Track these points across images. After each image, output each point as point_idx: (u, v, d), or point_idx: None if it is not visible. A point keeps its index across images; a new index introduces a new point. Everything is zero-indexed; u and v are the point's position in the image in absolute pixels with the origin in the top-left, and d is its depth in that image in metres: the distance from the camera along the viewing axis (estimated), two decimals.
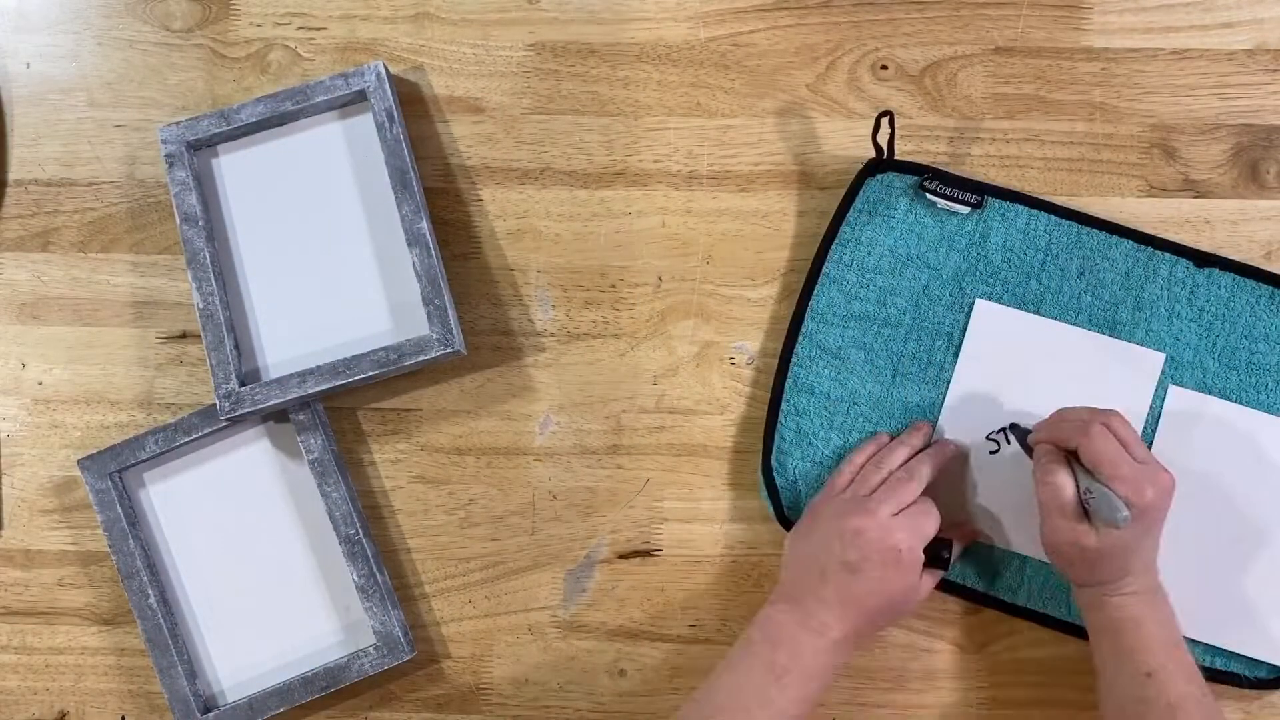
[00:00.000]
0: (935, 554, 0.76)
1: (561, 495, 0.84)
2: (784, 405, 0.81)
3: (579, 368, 0.84)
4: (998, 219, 0.81)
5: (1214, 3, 0.83)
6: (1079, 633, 0.78)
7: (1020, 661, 0.82)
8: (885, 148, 0.79)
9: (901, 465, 0.78)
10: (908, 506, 0.75)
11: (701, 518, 0.83)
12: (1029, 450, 0.76)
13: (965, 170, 0.83)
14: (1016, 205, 0.81)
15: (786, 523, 0.81)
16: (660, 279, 0.84)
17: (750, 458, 0.83)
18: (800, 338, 0.82)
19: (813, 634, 0.73)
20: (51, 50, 0.88)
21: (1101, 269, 0.81)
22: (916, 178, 0.81)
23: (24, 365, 0.87)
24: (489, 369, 0.85)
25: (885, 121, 0.78)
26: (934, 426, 0.81)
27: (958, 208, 0.81)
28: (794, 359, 0.81)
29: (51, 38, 0.88)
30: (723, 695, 0.72)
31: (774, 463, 0.81)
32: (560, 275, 0.85)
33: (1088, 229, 0.81)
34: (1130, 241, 0.81)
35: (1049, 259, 0.81)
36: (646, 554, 0.83)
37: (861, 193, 0.82)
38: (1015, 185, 0.83)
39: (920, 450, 0.79)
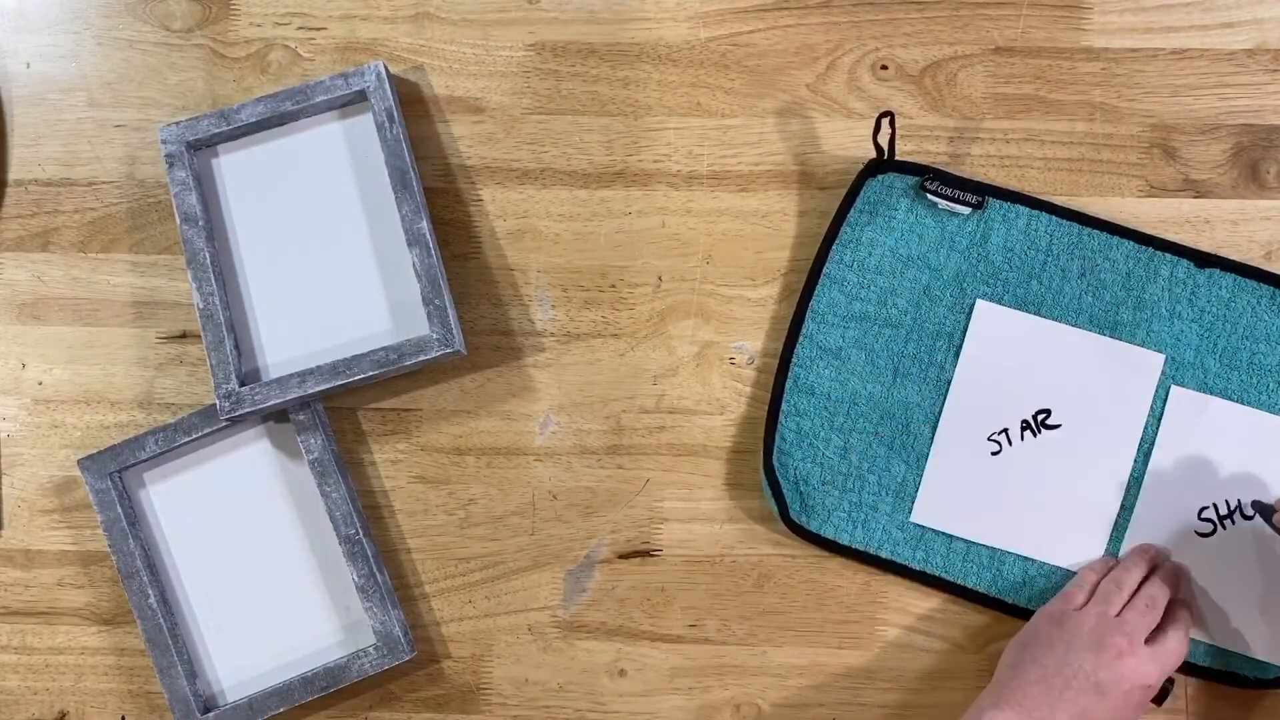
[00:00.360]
0: (1161, 687, 0.76)
1: (561, 495, 0.84)
2: (784, 406, 0.81)
3: (579, 368, 0.84)
4: (999, 219, 0.81)
5: (1214, 3, 0.83)
6: None
7: None
8: (885, 148, 0.79)
9: (1140, 586, 0.77)
10: (1155, 634, 0.75)
11: (701, 518, 0.83)
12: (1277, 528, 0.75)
13: (965, 170, 0.83)
14: (1017, 206, 0.81)
15: (792, 524, 0.81)
16: (660, 279, 0.84)
17: (750, 458, 0.83)
18: (800, 338, 0.82)
19: None
20: (51, 50, 0.88)
21: (1102, 270, 0.81)
22: (917, 178, 0.81)
23: (24, 365, 0.87)
24: (489, 369, 0.85)
25: (886, 122, 0.77)
26: (1160, 552, 0.80)
27: (958, 208, 0.81)
28: (794, 359, 0.81)
29: (51, 38, 0.88)
30: None
31: (775, 463, 0.81)
32: (560, 275, 0.85)
33: (1089, 229, 0.81)
34: (1131, 242, 0.80)
35: (1050, 259, 0.81)
36: (646, 554, 0.83)
37: (862, 193, 0.82)
38: (1015, 185, 0.83)
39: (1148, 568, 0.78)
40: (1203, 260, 0.80)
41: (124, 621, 0.85)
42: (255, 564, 0.84)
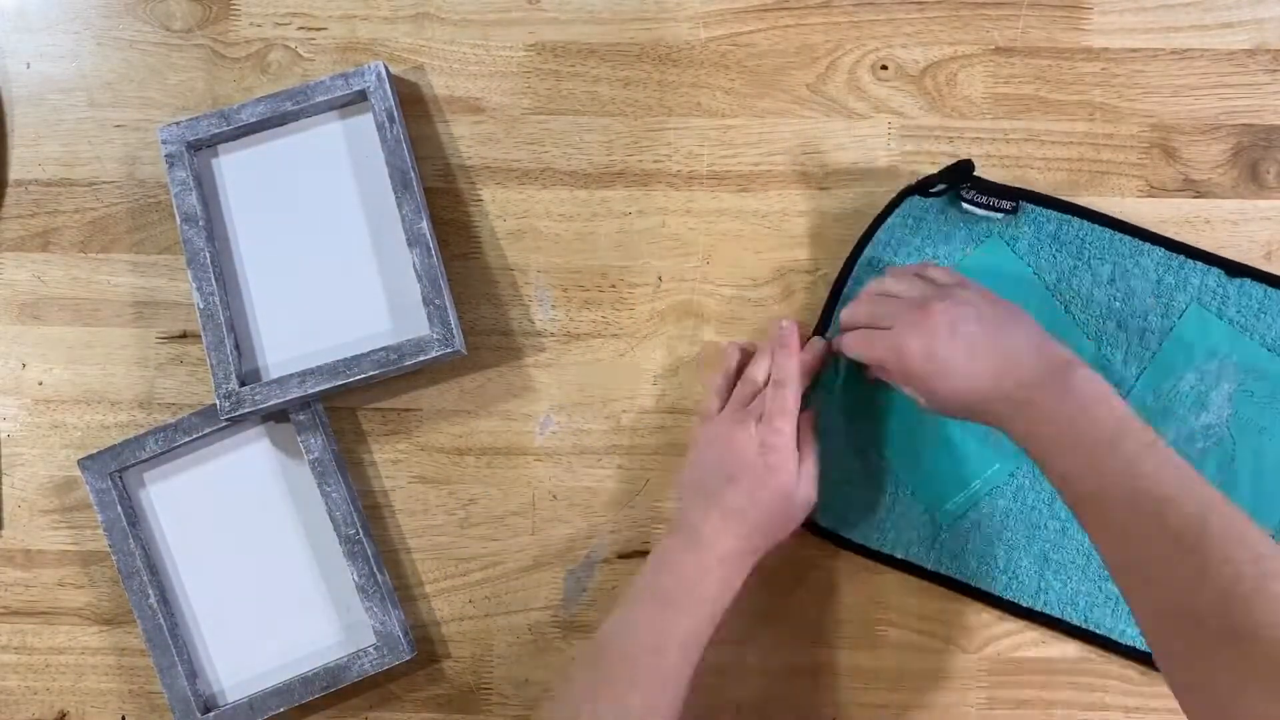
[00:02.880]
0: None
1: (561, 495, 0.84)
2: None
3: (579, 368, 0.84)
4: (1028, 224, 0.81)
5: (1214, 3, 0.83)
6: (1089, 637, 0.79)
7: (1020, 661, 0.82)
8: (937, 177, 0.79)
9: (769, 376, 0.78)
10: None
11: None
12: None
13: None
14: (1048, 210, 0.81)
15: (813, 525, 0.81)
16: (660, 279, 0.84)
17: None
18: (825, 334, 0.81)
19: (698, 554, 0.72)
20: (51, 50, 0.88)
21: (1133, 275, 0.80)
22: (951, 189, 0.81)
23: (24, 365, 0.87)
24: (489, 369, 0.85)
25: (963, 171, 0.78)
26: (792, 323, 0.79)
27: (994, 215, 0.81)
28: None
29: (51, 38, 0.88)
30: (612, 628, 0.72)
31: None
32: (560, 275, 0.85)
33: (1120, 234, 0.81)
34: (1162, 249, 0.80)
35: (1080, 263, 0.81)
36: (646, 554, 0.83)
37: (901, 208, 0.81)
38: (1015, 185, 0.83)
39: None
40: (1234, 270, 0.80)
41: (124, 621, 0.85)
42: (255, 564, 0.84)
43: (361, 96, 0.83)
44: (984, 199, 0.80)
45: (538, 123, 0.86)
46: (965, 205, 0.80)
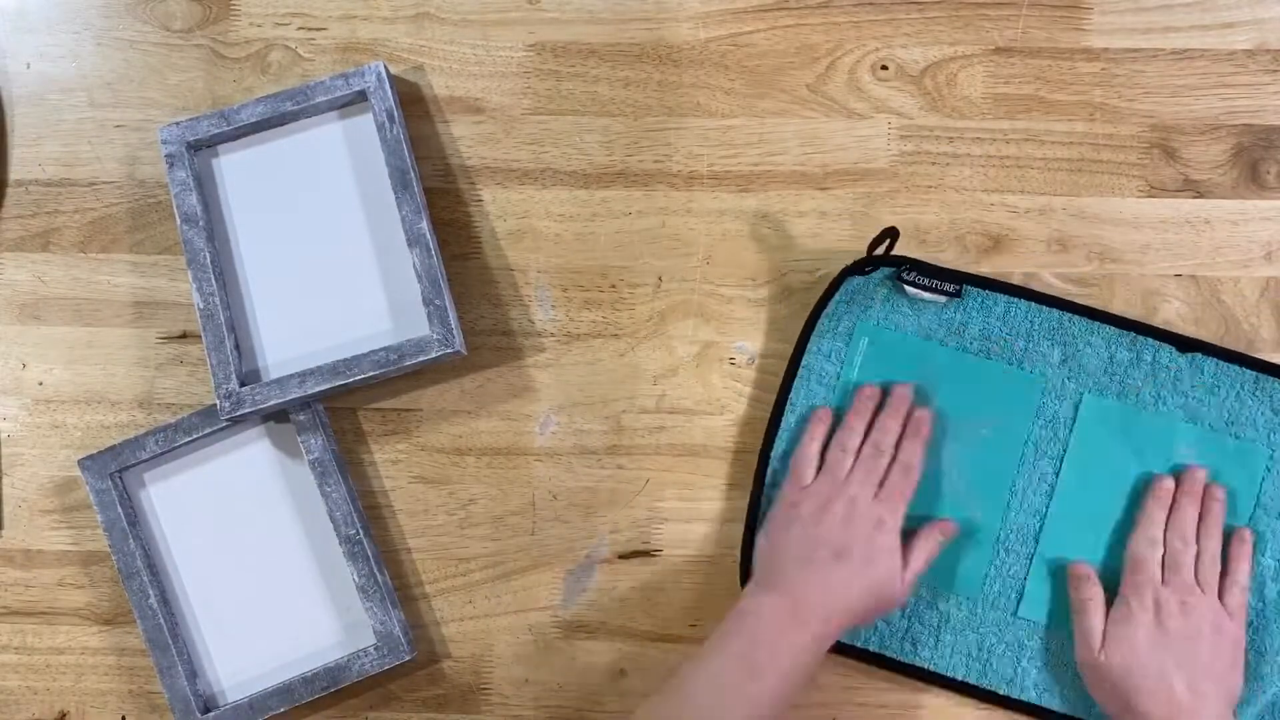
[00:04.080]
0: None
1: (561, 495, 0.84)
2: (763, 500, 0.81)
3: (579, 368, 0.84)
4: (976, 308, 0.81)
5: (1214, 3, 0.83)
6: None
7: None
8: (876, 258, 0.79)
9: (865, 441, 0.78)
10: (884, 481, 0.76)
11: (701, 518, 0.83)
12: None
13: (965, 170, 0.83)
14: (995, 294, 0.80)
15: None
16: (660, 279, 0.84)
17: (750, 458, 0.83)
18: (779, 432, 0.81)
19: (794, 629, 0.71)
20: (51, 50, 0.88)
21: (1084, 355, 0.80)
22: (893, 269, 0.80)
23: (24, 365, 0.87)
24: (489, 369, 0.85)
25: (889, 240, 0.77)
26: (876, 390, 0.80)
27: (937, 298, 0.80)
28: (773, 454, 0.81)
29: (51, 38, 0.88)
30: (696, 690, 0.70)
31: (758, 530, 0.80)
32: (560, 275, 0.85)
33: (1069, 315, 0.80)
34: (1112, 327, 0.80)
35: (1030, 345, 0.80)
36: (646, 554, 0.83)
37: (843, 287, 0.81)
38: (1015, 185, 0.83)
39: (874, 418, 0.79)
40: (1184, 345, 0.79)
41: (124, 621, 0.85)
42: (255, 564, 0.84)
43: (361, 96, 0.83)
44: (926, 281, 0.79)
45: (538, 123, 0.86)
46: (907, 288, 0.80)
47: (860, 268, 0.80)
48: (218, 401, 0.81)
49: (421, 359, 0.80)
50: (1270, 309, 0.81)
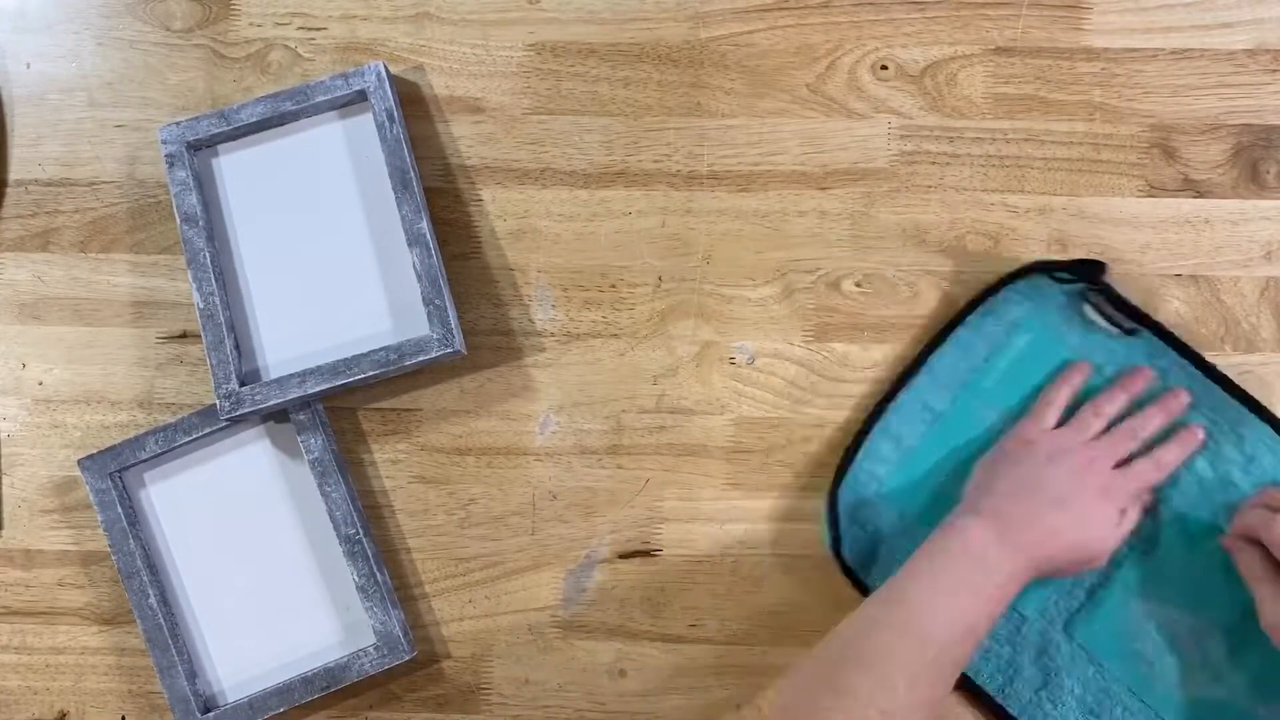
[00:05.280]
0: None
1: (561, 495, 0.84)
2: (865, 449, 0.80)
3: (579, 368, 0.84)
4: (1143, 352, 0.79)
5: (1214, 3, 0.83)
6: None
7: None
8: (1078, 268, 0.79)
9: (1126, 419, 0.76)
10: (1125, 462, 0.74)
11: (701, 518, 0.83)
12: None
13: (965, 169, 0.83)
14: (1168, 349, 0.79)
15: (840, 558, 0.80)
16: (660, 279, 0.84)
17: (750, 458, 0.83)
18: (907, 388, 0.80)
19: (996, 551, 0.69)
20: (51, 50, 0.88)
21: (1224, 441, 0.77)
22: (1083, 284, 0.79)
23: (24, 365, 0.87)
24: (489, 369, 0.85)
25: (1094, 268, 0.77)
26: (1153, 379, 0.78)
27: (1109, 328, 0.80)
28: (894, 406, 0.80)
29: (51, 38, 0.88)
30: (922, 606, 0.67)
31: (839, 494, 0.80)
32: (560, 275, 0.85)
33: (1231, 399, 0.77)
34: (1269, 428, 0.77)
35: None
36: (646, 554, 0.83)
37: (1028, 280, 0.80)
38: (1015, 185, 0.83)
39: (1129, 396, 0.77)
40: None
41: (124, 621, 0.85)
42: (255, 564, 0.84)
43: (361, 96, 0.83)
44: (1109, 310, 0.79)
45: (538, 123, 0.86)
46: (1086, 308, 0.79)
47: (1056, 269, 0.79)
48: (218, 401, 0.81)
49: (421, 359, 0.80)
50: (1270, 309, 0.81)
